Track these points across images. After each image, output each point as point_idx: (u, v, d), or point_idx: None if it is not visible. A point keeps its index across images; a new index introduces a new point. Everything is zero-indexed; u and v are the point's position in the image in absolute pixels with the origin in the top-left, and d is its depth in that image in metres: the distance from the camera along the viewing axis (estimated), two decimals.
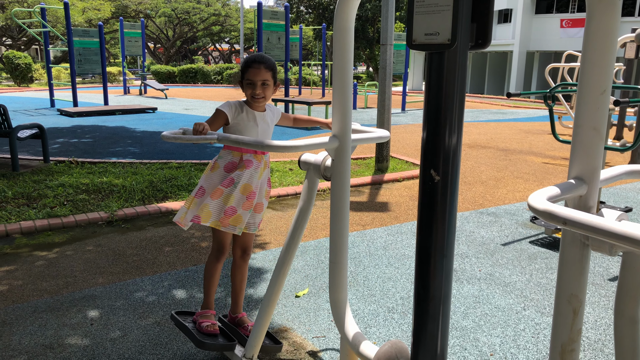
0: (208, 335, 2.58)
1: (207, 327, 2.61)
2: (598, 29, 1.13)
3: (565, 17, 26.30)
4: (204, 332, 2.59)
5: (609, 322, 3.14)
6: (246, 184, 2.50)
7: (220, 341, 2.58)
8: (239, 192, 2.48)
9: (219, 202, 2.45)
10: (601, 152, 1.20)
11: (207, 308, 2.71)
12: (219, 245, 2.63)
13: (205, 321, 2.64)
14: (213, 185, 2.50)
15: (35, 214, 4.88)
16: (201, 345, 2.52)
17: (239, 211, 2.50)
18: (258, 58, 2.50)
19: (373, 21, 34.51)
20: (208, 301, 2.71)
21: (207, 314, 2.68)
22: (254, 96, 2.50)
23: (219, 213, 2.45)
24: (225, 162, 2.53)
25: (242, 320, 2.75)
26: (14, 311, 3.17)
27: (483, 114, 16.23)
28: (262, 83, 2.49)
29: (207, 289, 2.70)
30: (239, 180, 2.47)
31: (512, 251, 4.30)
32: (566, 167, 7.87)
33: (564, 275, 1.24)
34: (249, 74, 2.48)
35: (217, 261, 2.66)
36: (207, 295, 2.71)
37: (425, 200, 1.46)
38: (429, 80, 1.40)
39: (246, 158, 2.50)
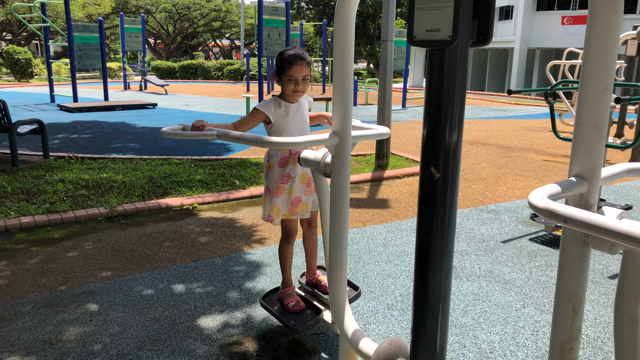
0: (297, 314, 2.78)
1: (294, 306, 2.81)
2: (600, 26, 1.12)
3: (566, 14, 26.24)
4: (292, 311, 2.79)
5: (609, 320, 3.14)
6: (303, 174, 2.74)
7: (309, 318, 2.73)
8: (299, 183, 2.73)
9: (284, 197, 2.73)
10: (602, 150, 1.20)
11: (287, 286, 2.92)
12: (287, 230, 2.88)
13: (291, 300, 2.84)
14: (275, 182, 2.74)
15: (35, 210, 4.87)
16: (295, 332, 2.66)
17: (303, 198, 2.78)
18: (300, 54, 2.60)
19: (374, 17, 34.43)
20: (286, 279, 2.93)
21: (289, 292, 2.90)
22: (296, 91, 2.64)
23: (286, 206, 2.74)
24: (277, 159, 2.72)
25: (318, 280, 3.03)
26: (13, 306, 3.17)
27: (484, 110, 16.21)
28: (303, 79, 2.63)
29: (284, 268, 2.94)
30: (295, 174, 2.71)
31: (512, 248, 4.30)
32: (566, 165, 7.86)
33: (564, 273, 1.24)
34: (292, 71, 2.59)
35: (287, 244, 2.91)
36: (284, 274, 2.94)
37: (425, 197, 1.46)
38: (430, 76, 1.39)
39: (295, 151, 2.69)
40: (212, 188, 5.82)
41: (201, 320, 3.05)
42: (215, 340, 2.84)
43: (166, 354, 2.69)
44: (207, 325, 3.00)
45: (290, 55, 2.59)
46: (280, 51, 2.66)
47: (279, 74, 2.66)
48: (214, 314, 3.12)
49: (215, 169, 6.72)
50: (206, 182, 6.03)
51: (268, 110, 2.65)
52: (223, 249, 4.17)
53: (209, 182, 6.01)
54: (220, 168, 6.76)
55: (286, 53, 2.61)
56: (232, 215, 5.05)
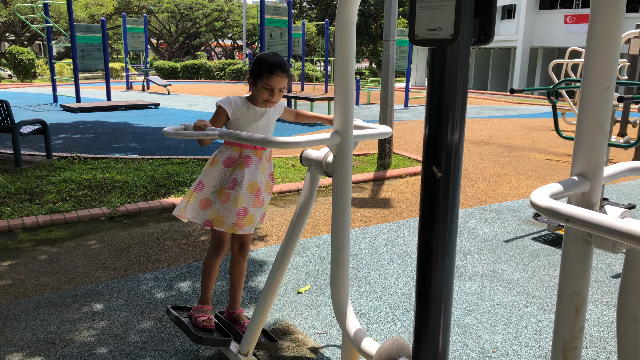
0: (204, 330, 2.55)
1: (203, 322, 2.58)
2: (602, 24, 1.11)
3: (569, 13, 26.18)
4: (199, 326, 2.56)
5: (612, 320, 3.13)
6: (252, 182, 2.49)
7: (216, 336, 2.56)
8: (246, 191, 2.47)
9: (229, 206, 2.45)
10: (604, 149, 1.19)
11: (204, 303, 2.69)
12: (218, 240, 2.63)
13: (202, 316, 2.61)
14: (212, 180, 2.50)
15: (38, 210, 4.89)
16: (197, 339, 2.48)
17: (250, 210, 2.50)
18: (282, 65, 2.42)
19: (376, 17, 34.41)
20: (205, 296, 2.69)
21: (204, 309, 2.66)
22: (268, 101, 2.46)
23: (232, 217, 2.45)
24: (224, 157, 2.50)
25: (239, 316, 2.73)
26: (16, 306, 3.18)
27: (486, 110, 16.18)
28: (279, 90, 2.45)
29: (205, 284, 2.69)
30: (242, 180, 2.46)
31: (515, 248, 4.29)
32: (569, 164, 7.84)
33: (567, 273, 1.24)
34: (270, 81, 2.40)
35: (216, 256, 2.66)
36: (204, 290, 2.70)
37: (427, 196, 1.46)
38: (432, 76, 1.39)
39: (245, 154, 2.48)
40: None
41: None
42: None
43: (168, 354, 2.70)
44: None
45: (271, 63, 2.40)
46: (262, 55, 2.46)
47: (255, 78, 2.45)
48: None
49: None
50: None
51: (228, 107, 2.45)
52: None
53: None
54: None
55: (268, 60, 2.41)
56: None
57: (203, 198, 2.49)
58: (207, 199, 2.50)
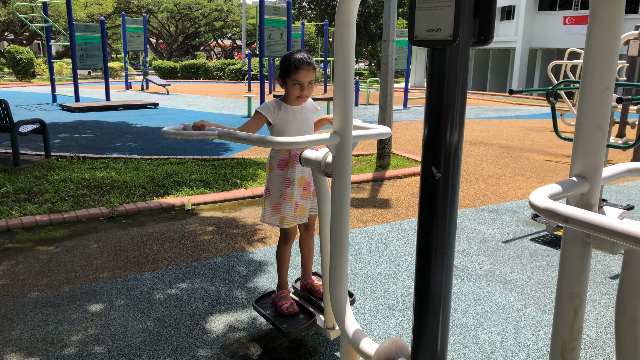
0: (290, 317, 2.73)
1: (287, 308, 2.76)
2: (601, 25, 1.12)
3: (568, 14, 26.21)
4: (285, 314, 2.74)
5: (610, 320, 3.13)
6: (301, 177, 2.72)
7: (302, 321, 2.70)
8: (297, 187, 2.71)
9: (288, 203, 2.71)
10: (603, 150, 1.19)
11: (282, 289, 2.89)
12: (286, 232, 2.85)
13: (284, 303, 2.80)
14: (275, 185, 2.73)
15: (37, 209, 4.88)
16: (287, 335, 2.63)
17: (301, 203, 2.76)
18: (307, 59, 2.58)
19: (375, 17, 34.41)
20: (282, 282, 2.90)
21: (284, 295, 2.86)
22: (301, 96, 2.63)
23: (291, 212, 2.72)
24: (277, 160, 2.71)
25: (313, 285, 2.99)
26: (14, 306, 3.17)
27: (485, 110, 16.19)
28: (309, 83, 2.61)
29: (280, 270, 2.91)
30: (294, 177, 2.69)
31: (513, 248, 4.29)
32: (568, 165, 7.85)
33: (565, 273, 1.24)
34: (298, 76, 2.57)
35: (285, 245, 2.88)
36: (280, 276, 2.91)
37: (426, 197, 1.46)
38: (431, 76, 1.39)
39: (293, 153, 2.67)
40: (213, 188, 5.82)
41: (202, 320, 3.05)
42: (217, 340, 2.84)
43: (167, 354, 2.70)
44: (208, 325, 3.00)
45: (297, 59, 2.56)
46: (286, 54, 2.63)
47: (284, 77, 2.63)
48: (215, 314, 3.12)
49: (216, 168, 6.72)
50: (207, 181, 6.04)
51: (267, 113, 2.64)
52: (224, 248, 4.17)
53: (210, 182, 6.02)
54: (221, 168, 6.77)
55: (292, 57, 2.58)
56: (234, 214, 5.05)
57: (274, 203, 2.74)
58: (278, 203, 2.74)
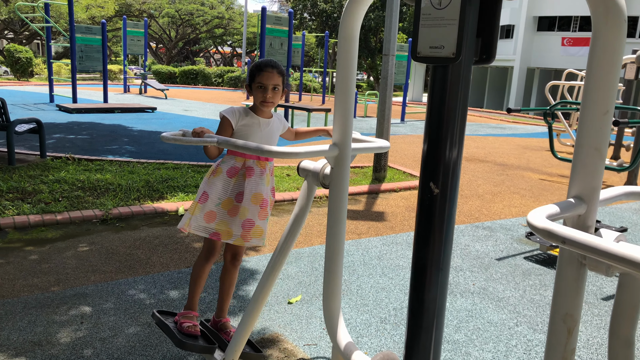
0: (188, 336, 2.53)
1: (189, 327, 2.55)
2: (603, 49, 1.13)
3: (566, 36, 26.49)
4: (184, 332, 2.53)
5: (601, 342, 3.13)
6: (256, 193, 2.49)
7: (201, 343, 2.53)
8: (250, 202, 2.47)
9: (237, 218, 2.47)
10: (601, 172, 1.20)
11: (190, 309, 2.65)
12: (210, 247, 2.62)
13: (187, 322, 2.58)
14: (216, 191, 2.49)
15: (30, 209, 4.85)
16: (181, 345, 2.46)
17: (257, 222, 2.50)
18: (271, 62, 2.50)
19: (376, 31, 34.65)
20: (192, 302, 2.66)
21: (190, 315, 2.63)
22: (264, 100, 2.48)
23: (238, 229, 2.47)
24: (228, 166, 2.50)
25: (225, 325, 2.72)
26: (3, 306, 3.14)
27: (482, 127, 16.28)
28: (273, 87, 2.47)
29: (193, 289, 2.66)
30: (245, 191, 2.46)
31: (507, 266, 4.30)
32: (563, 185, 7.89)
33: (560, 294, 1.24)
34: (261, 78, 2.46)
35: (206, 262, 2.64)
36: (191, 296, 2.67)
37: (424, 212, 1.46)
38: (432, 92, 1.40)
39: (248, 165, 2.48)
40: None
41: None
42: None
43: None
44: None
45: (260, 62, 2.50)
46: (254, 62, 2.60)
47: (250, 83, 2.53)
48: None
49: None
50: None
51: (232, 116, 2.49)
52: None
53: None
54: None
55: (257, 62, 2.53)
56: None
57: (208, 210, 2.49)
58: (212, 212, 2.49)
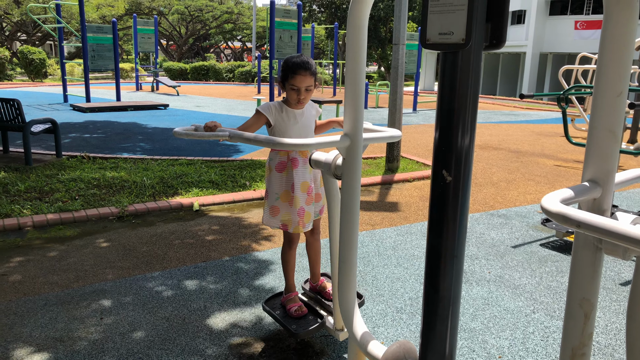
0: (299, 319, 2.75)
1: (296, 311, 2.78)
2: (615, 30, 1.11)
3: (579, 19, 26.06)
4: (294, 316, 2.77)
5: (620, 327, 3.11)
6: (303, 182, 2.69)
7: (311, 323, 2.72)
8: (300, 191, 2.68)
9: (293, 208, 2.69)
10: (616, 155, 1.19)
11: (289, 291, 2.92)
12: (289, 235, 2.86)
13: (293, 305, 2.82)
14: (272, 187, 2.72)
15: (47, 208, 4.92)
16: (296, 336, 2.66)
17: (306, 209, 2.73)
18: (304, 64, 2.57)
19: (385, 21, 34.41)
20: (289, 284, 2.93)
21: (292, 297, 2.88)
22: (299, 102, 2.63)
23: (295, 217, 2.70)
24: (275, 163, 2.70)
25: (322, 286, 3.00)
26: (25, 303, 3.20)
27: (495, 115, 16.13)
28: (306, 89, 2.60)
29: (286, 273, 2.93)
30: (297, 183, 2.66)
31: (523, 253, 4.27)
32: (578, 170, 7.80)
33: (576, 279, 1.23)
34: (295, 81, 2.57)
35: (289, 249, 2.89)
36: (287, 279, 2.94)
37: (437, 200, 1.46)
38: (443, 80, 1.39)
39: (292, 156, 2.66)
40: (223, 189, 5.84)
41: (210, 320, 3.06)
42: (225, 340, 2.85)
43: (175, 353, 2.71)
44: (216, 325, 3.01)
45: (294, 63, 2.56)
46: (287, 58, 2.62)
47: (283, 81, 2.64)
48: (224, 314, 3.13)
49: (225, 170, 6.74)
50: (216, 182, 6.06)
51: (268, 113, 2.64)
52: (233, 249, 4.19)
53: (219, 183, 6.04)
54: (231, 169, 6.79)
55: (291, 61, 2.58)
56: (242, 215, 5.06)
57: (271, 206, 2.73)
58: (275, 206, 2.72)
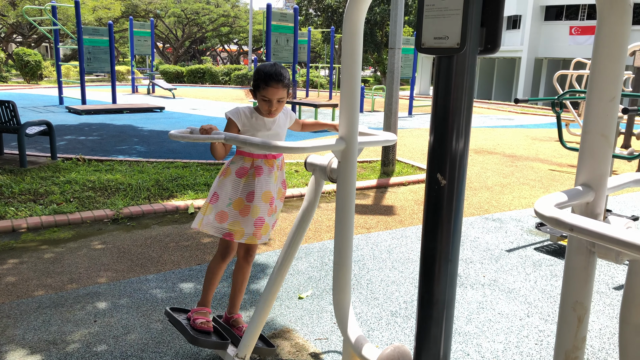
0: (201, 332, 2.57)
1: (202, 324, 2.60)
2: (608, 35, 1.12)
3: (574, 25, 26.22)
4: (197, 328, 2.58)
5: (613, 331, 3.12)
6: (265, 192, 2.51)
7: (214, 339, 2.57)
8: (261, 201, 2.50)
9: (249, 217, 2.49)
10: (609, 159, 1.20)
11: (203, 306, 2.70)
12: (226, 247, 2.65)
13: (200, 318, 2.63)
14: (226, 191, 2.51)
15: (42, 210, 4.90)
16: (194, 341, 2.50)
17: (266, 219, 2.54)
18: (276, 76, 2.40)
19: (381, 25, 34.51)
20: (206, 299, 2.71)
21: (203, 311, 2.67)
22: (270, 113, 2.47)
23: (250, 227, 2.49)
24: (237, 167, 2.52)
25: (237, 321, 2.76)
26: (18, 306, 3.19)
27: (490, 119, 16.19)
28: (277, 100, 2.45)
29: (207, 287, 2.70)
30: (256, 190, 2.48)
31: (517, 257, 4.28)
32: (572, 175, 7.83)
33: (570, 283, 1.24)
34: (267, 92, 2.41)
35: (222, 261, 2.67)
36: (205, 293, 2.71)
37: (431, 203, 1.46)
38: (437, 83, 1.40)
39: (257, 164, 2.49)
40: None
41: None
42: None
43: (169, 357, 2.70)
44: None
45: (266, 74, 2.40)
46: (259, 66, 2.46)
47: (255, 90, 2.48)
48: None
49: None
50: (211, 185, 6.05)
51: (237, 119, 2.48)
52: None
53: None
54: None
55: (263, 71, 2.41)
56: None
57: (219, 211, 2.51)
58: (224, 212, 2.50)
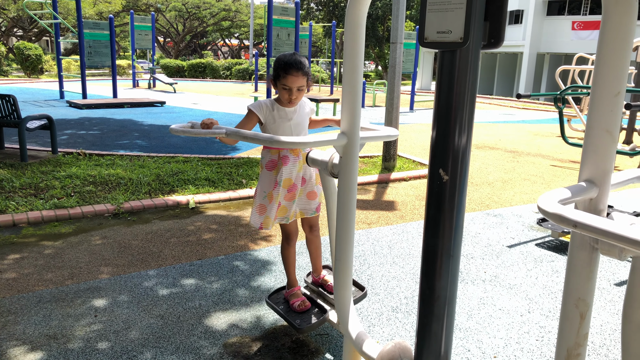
0: (302, 314, 2.78)
1: (299, 305, 2.81)
2: (614, 30, 1.11)
3: (576, 20, 26.12)
4: (297, 311, 2.79)
5: (615, 327, 3.11)
6: (286, 179, 2.68)
7: (314, 317, 2.74)
8: (282, 187, 2.68)
9: (273, 205, 2.70)
10: (613, 155, 1.19)
11: (292, 286, 2.94)
12: (286, 232, 2.90)
13: (296, 300, 2.84)
14: (262, 185, 2.72)
15: (43, 205, 4.90)
16: (300, 331, 2.68)
17: (283, 203, 2.73)
18: (296, 64, 2.53)
19: (383, 20, 34.40)
20: (290, 280, 2.96)
21: (294, 292, 2.91)
22: (290, 101, 2.62)
23: (273, 212, 2.70)
24: (266, 161, 2.70)
25: (324, 280, 3.04)
26: (19, 301, 3.19)
27: (492, 114, 16.15)
28: (298, 89, 2.58)
29: (287, 269, 2.96)
30: (280, 179, 2.65)
31: (518, 253, 4.28)
32: (574, 170, 7.82)
33: (572, 279, 1.23)
34: (287, 81, 2.55)
35: (288, 245, 2.93)
36: (288, 275, 2.96)
37: (433, 199, 1.45)
38: (440, 78, 1.39)
39: (283, 154, 2.64)
40: (219, 186, 5.83)
41: (205, 318, 3.06)
42: (219, 338, 2.85)
43: (170, 351, 2.70)
44: (211, 323, 3.00)
45: (286, 63, 2.53)
46: (279, 56, 2.58)
47: (275, 80, 2.61)
48: (219, 312, 3.13)
49: (222, 167, 6.73)
50: (213, 180, 6.04)
51: (259, 111, 2.63)
52: (229, 247, 4.18)
53: (215, 181, 6.02)
54: (227, 167, 6.78)
55: (283, 60, 2.55)
56: (238, 213, 5.05)
57: (259, 204, 2.72)
58: (262, 205, 2.71)
